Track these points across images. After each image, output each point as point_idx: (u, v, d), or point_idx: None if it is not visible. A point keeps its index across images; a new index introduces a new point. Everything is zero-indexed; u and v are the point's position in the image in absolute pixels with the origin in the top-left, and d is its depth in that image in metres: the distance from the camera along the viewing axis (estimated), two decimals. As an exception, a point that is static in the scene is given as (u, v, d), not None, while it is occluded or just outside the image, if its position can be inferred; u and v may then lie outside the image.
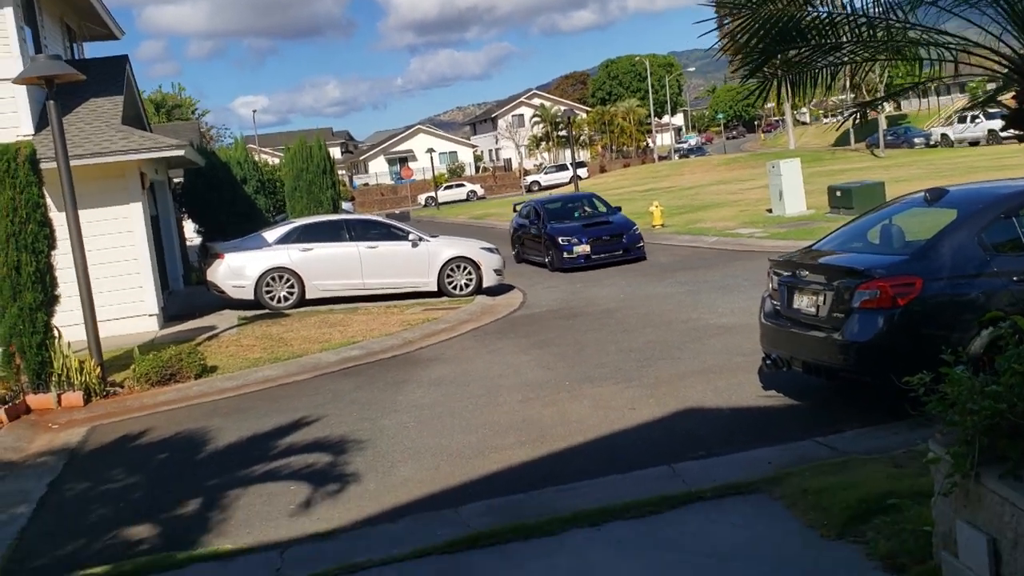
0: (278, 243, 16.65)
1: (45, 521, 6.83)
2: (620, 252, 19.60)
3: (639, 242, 19.92)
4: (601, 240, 19.61)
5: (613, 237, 19.78)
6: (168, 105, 52.51)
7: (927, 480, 4.77)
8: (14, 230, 10.27)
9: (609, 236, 19.76)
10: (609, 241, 19.69)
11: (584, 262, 19.30)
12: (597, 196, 23.35)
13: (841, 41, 5.36)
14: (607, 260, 19.43)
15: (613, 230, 20.03)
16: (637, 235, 20.00)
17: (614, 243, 19.70)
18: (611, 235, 19.80)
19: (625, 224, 20.40)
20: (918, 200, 8.13)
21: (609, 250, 19.57)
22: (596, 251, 19.43)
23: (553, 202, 23.07)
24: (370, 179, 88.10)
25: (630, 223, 20.55)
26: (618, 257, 19.54)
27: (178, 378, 11.05)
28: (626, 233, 19.88)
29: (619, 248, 19.65)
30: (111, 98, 16.05)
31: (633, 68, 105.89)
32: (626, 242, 19.73)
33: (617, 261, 19.48)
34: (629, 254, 19.64)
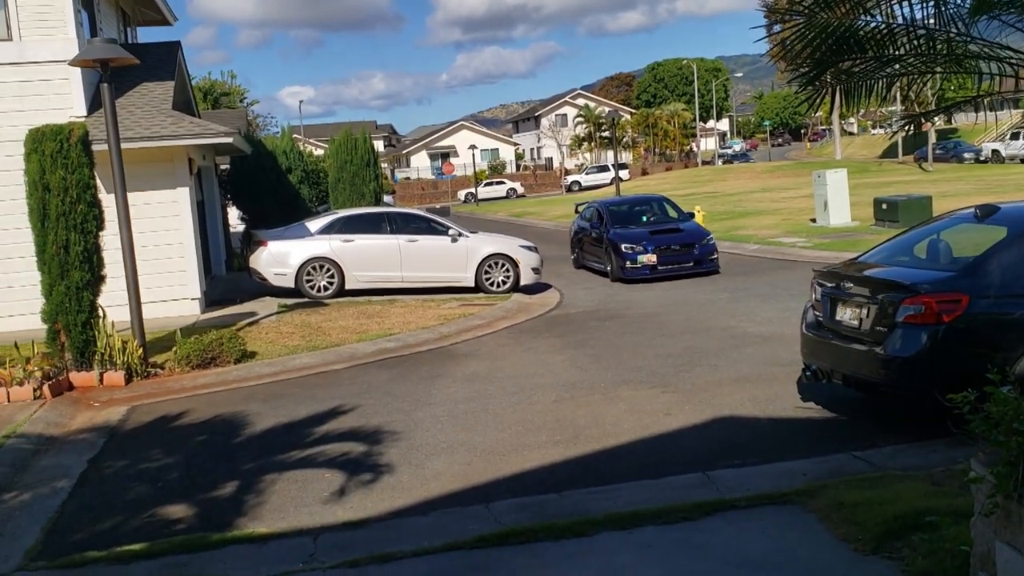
0: (320, 233, 16.81)
1: (85, 496, 6.97)
2: (691, 264, 17.74)
3: (712, 254, 18.04)
4: (670, 250, 17.71)
5: (684, 247, 17.88)
6: (216, 92, 53.14)
7: (966, 500, 4.71)
8: (64, 209, 10.47)
9: (679, 246, 17.85)
10: (679, 251, 17.79)
11: (649, 274, 17.48)
12: (668, 200, 21.11)
13: (899, 53, 5.29)
14: (675, 272, 17.61)
15: (684, 239, 18.08)
16: (711, 246, 18.09)
17: (684, 254, 17.79)
18: (681, 244, 17.89)
19: (698, 232, 18.49)
20: (968, 216, 8.01)
21: (678, 261, 17.70)
22: (663, 262, 17.52)
23: (619, 204, 20.92)
24: (411, 173, 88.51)
25: (703, 232, 18.64)
26: (688, 270, 17.68)
27: (218, 362, 11.20)
28: (698, 243, 17.99)
29: (689, 260, 17.76)
30: (162, 83, 16.29)
31: (680, 71, 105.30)
32: (698, 253, 17.83)
33: (687, 274, 17.63)
34: (700, 267, 17.75)
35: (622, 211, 20.02)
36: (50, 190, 10.44)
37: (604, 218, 19.29)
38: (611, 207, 20.20)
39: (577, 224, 21.42)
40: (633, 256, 17.59)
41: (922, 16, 5.26)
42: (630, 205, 20.80)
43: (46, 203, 10.46)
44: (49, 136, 10.51)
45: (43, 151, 10.47)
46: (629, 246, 17.77)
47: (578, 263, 20.73)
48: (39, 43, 14.25)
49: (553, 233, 33.59)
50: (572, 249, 21.36)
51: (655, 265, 17.52)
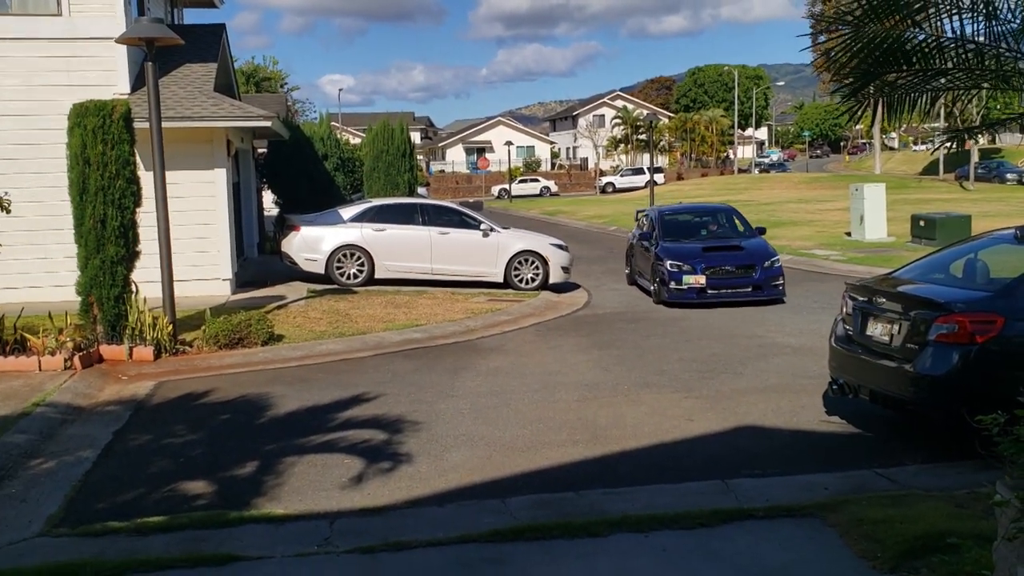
0: (353, 221, 16.89)
1: (109, 467, 7.06)
2: (748, 289, 14.90)
3: (777, 279, 15.06)
4: (723, 271, 14.94)
5: (742, 269, 15.04)
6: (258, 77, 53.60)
7: (989, 523, 4.64)
8: (103, 184, 10.60)
9: (736, 267, 15.00)
10: (735, 274, 15.00)
11: (695, 298, 14.79)
12: (736, 212, 17.87)
13: (947, 67, 5.22)
14: (728, 299, 14.87)
15: (743, 259, 15.19)
16: (776, 269, 15.14)
17: (742, 277, 14.98)
18: (739, 266, 15.00)
19: (761, 252, 15.46)
20: (1007, 237, 7.89)
21: (733, 285, 14.91)
22: (714, 285, 14.79)
23: (676, 213, 17.79)
24: (447, 166, 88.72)
25: (769, 251, 15.59)
26: (745, 296, 14.86)
27: (245, 343, 11.30)
28: (760, 265, 15.03)
29: (747, 284, 14.93)
30: (205, 65, 16.45)
31: (720, 77, 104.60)
32: (759, 277, 14.92)
33: (743, 301, 14.83)
34: (760, 293, 14.89)
35: (678, 221, 17.15)
36: (90, 164, 10.58)
37: (656, 228, 16.60)
38: (666, 215, 17.29)
39: (635, 235, 18.35)
40: (678, 276, 14.91)
41: (972, 31, 5.18)
42: (690, 215, 17.98)
43: (86, 177, 10.61)
44: (92, 111, 10.65)
45: (85, 126, 10.61)
46: (675, 263, 15.03)
47: (630, 279, 17.98)
48: (87, 20, 14.44)
49: (585, 233, 33.54)
50: (627, 262, 18.55)
51: (703, 288, 14.82)
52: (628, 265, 18.53)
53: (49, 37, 14.47)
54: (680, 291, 14.88)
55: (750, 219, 17.20)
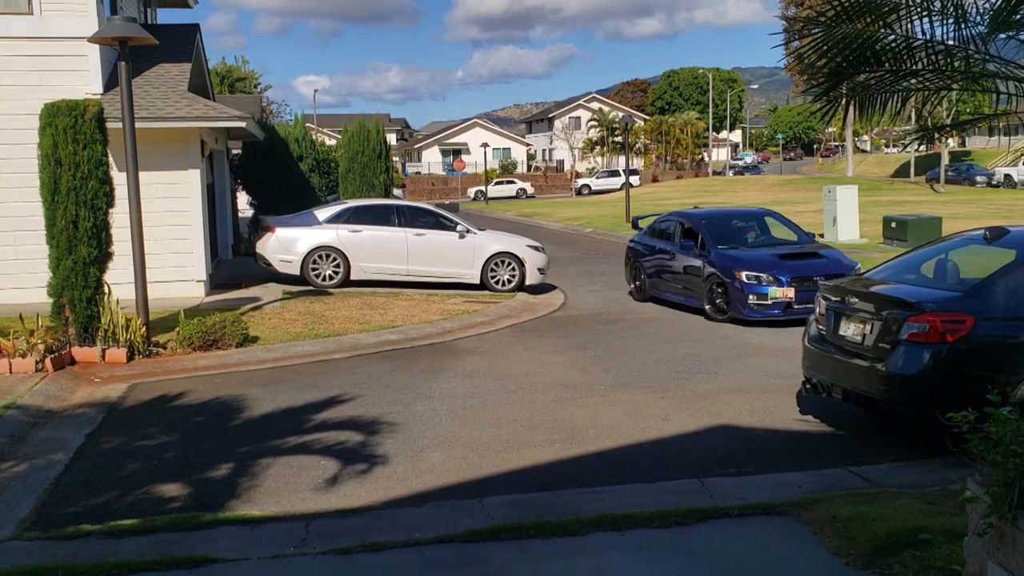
0: (328, 222, 16.83)
1: (81, 470, 6.98)
2: None
3: None
4: (811, 282, 12.71)
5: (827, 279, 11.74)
6: (232, 77, 53.24)
7: (960, 520, 4.71)
8: (75, 185, 10.49)
9: (822, 277, 12.18)
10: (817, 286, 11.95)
11: (780, 314, 12.99)
12: (779, 215, 16.24)
13: (917, 67, 5.29)
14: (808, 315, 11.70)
15: (826, 267, 13.28)
16: None
17: None
18: (826, 276, 11.87)
19: (843, 261, 13.90)
20: (977, 237, 8.00)
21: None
22: (803, 299, 12.65)
23: (717, 218, 15.82)
24: (422, 168, 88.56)
25: (850, 260, 14.11)
26: None
27: (220, 345, 11.22)
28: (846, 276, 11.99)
29: None
30: (179, 65, 16.32)
31: (695, 80, 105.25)
32: None
33: None
34: None
35: (725, 227, 15.16)
36: (62, 165, 10.46)
37: (700, 235, 14.56)
38: (706, 220, 15.15)
39: (640, 241, 16.44)
40: (759, 288, 13.09)
41: (942, 33, 5.26)
42: (731, 219, 15.93)
43: (57, 177, 10.49)
44: (64, 111, 10.53)
45: (57, 126, 10.49)
46: (753, 274, 13.21)
47: (644, 294, 15.77)
48: (59, 18, 14.28)
49: (561, 235, 33.58)
50: (632, 275, 16.39)
51: (791, 303, 12.97)
52: (635, 279, 16.18)
53: (19, 36, 14.29)
54: (763, 306, 13.05)
55: None
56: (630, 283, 16.53)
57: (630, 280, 16.55)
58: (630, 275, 16.56)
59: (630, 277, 16.55)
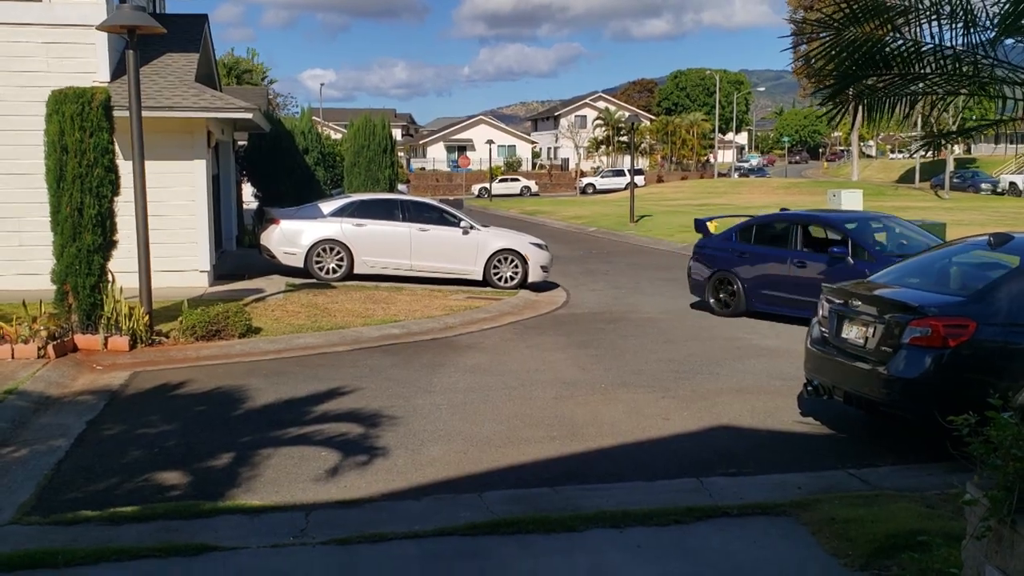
0: (333, 215, 16.84)
1: (82, 457, 7.00)
2: None
3: None
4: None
5: None
6: (239, 69, 53.27)
7: (959, 523, 4.71)
8: (81, 172, 10.50)
9: None
10: None
11: None
12: (897, 219, 14.76)
13: (925, 72, 5.29)
14: None
15: None
16: None
17: None
18: None
19: None
20: (981, 243, 8.01)
21: None
22: None
23: (860, 221, 13.67)
24: (427, 164, 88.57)
25: None
26: None
27: (222, 335, 11.24)
28: None
29: None
30: (187, 55, 16.34)
31: (702, 82, 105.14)
32: None
33: None
34: None
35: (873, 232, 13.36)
36: (68, 152, 10.48)
37: (849, 240, 12.79)
38: (855, 223, 13.32)
39: (722, 248, 14.54)
40: None
41: (951, 38, 5.26)
42: (869, 222, 13.87)
43: (63, 165, 10.50)
44: (71, 98, 10.55)
45: (63, 113, 10.50)
46: None
47: (738, 307, 13.95)
48: (68, 6, 14.30)
49: (565, 233, 33.59)
50: (713, 287, 14.33)
51: None
52: (717, 291, 14.24)
53: (28, 23, 14.31)
54: None
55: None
56: (706, 295, 14.39)
57: (706, 292, 14.41)
58: (709, 287, 14.35)
59: (708, 289, 14.37)
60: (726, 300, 14.07)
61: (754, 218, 15.26)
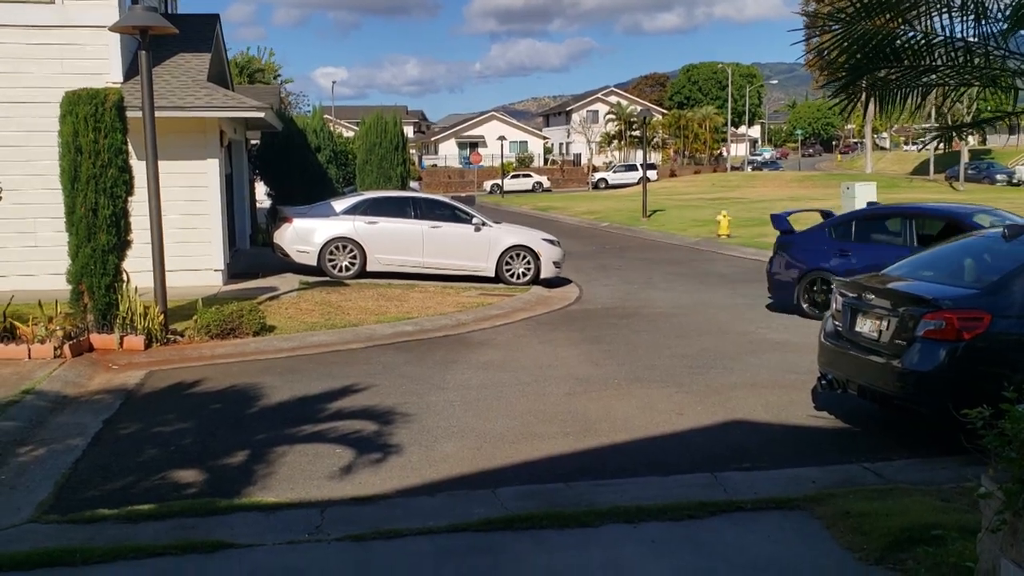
0: (345, 213, 16.89)
1: (99, 455, 7.06)
2: None
3: None
4: None
5: None
6: (251, 68, 53.41)
7: (974, 517, 4.70)
8: (95, 172, 10.57)
9: None
10: None
11: None
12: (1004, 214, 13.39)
13: (936, 64, 5.27)
14: None
15: None
16: None
17: None
18: None
19: None
20: (995, 236, 7.96)
21: None
22: None
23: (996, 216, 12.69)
24: (439, 161, 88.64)
25: None
26: None
27: (237, 333, 11.30)
28: None
29: None
30: (199, 55, 16.41)
31: (714, 75, 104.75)
32: None
33: None
34: None
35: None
36: (82, 152, 10.55)
37: None
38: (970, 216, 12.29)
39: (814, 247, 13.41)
40: None
41: (962, 30, 5.23)
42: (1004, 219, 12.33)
43: (77, 165, 10.58)
44: (84, 99, 10.62)
45: (77, 113, 10.58)
46: None
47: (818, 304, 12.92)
48: (80, 7, 14.38)
49: (577, 229, 33.57)
50: (805, 289, 13.25)
51: None
52: (810, 292, 13.14)
53: (41, 24, 14.41)
54: None
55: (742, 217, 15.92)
56: (796, 298, 13.28)
57: (796, 294, 13.30)
58: (800, 288, 13.24)
59: (799, 290, 13.26)
60: (823, 302, 12.70)
61: (854, 212, 14.06)
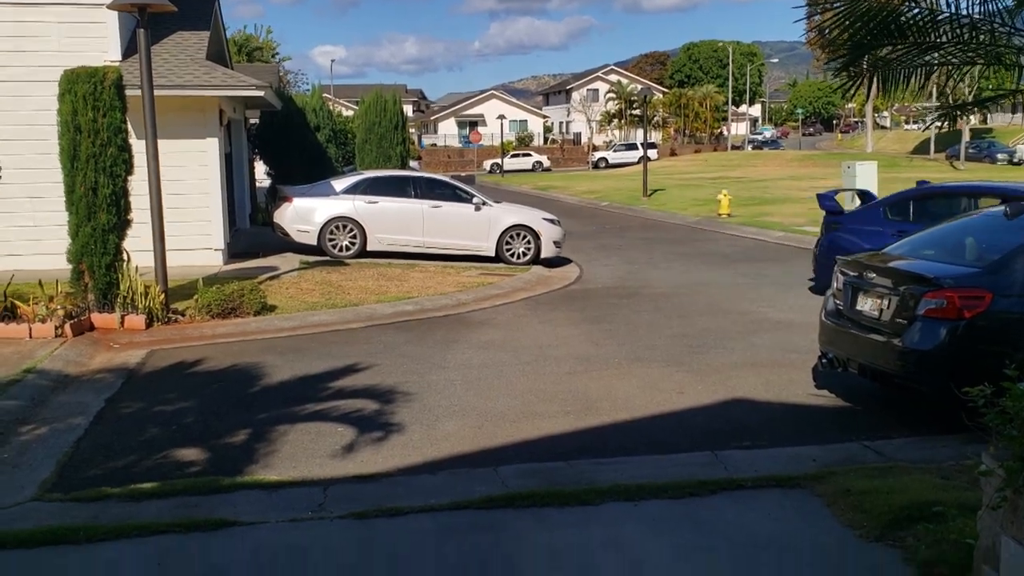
0: (345, 193, 16.85)
1: (101, 434, 7.07)
2: None
3: None
4: None
5: None
6: (250, 47, 53.07)
7: (974, 494, 4.72)
8: (94, 151, 10.54)
9: None
10: None
11: None
12: None
13: (941, 41, 5.23)
14: None
15: None
16: None
17: None
18: None
19: None
20: (997, 214, 7.95)
21: None
22: None
23: None
24: (438, 140, 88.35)
25: None
26: None
27: (238, 313, 11.30)
28: None
29: None
30: (197, 33, 16.31)
31: (715, 53, 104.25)
32: None
33: None
34: None
35: None
36: (81, 131, 10.51)
37: None
38: None
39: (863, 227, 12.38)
40: None
41: (967, 5, 5.19)
42: None
43: (76, 144, 10.54)
44: (83, 78, 10.57)
45: (76, 92, 10.52)
46: None
47: None
48: (77, -15, 14.28)
49: (577, 208, 33.52)
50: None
51: None
52: None
53: (38, 2, 14.32)
54: None
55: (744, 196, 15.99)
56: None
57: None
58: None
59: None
60: None
61: (908, 192, 13.35)
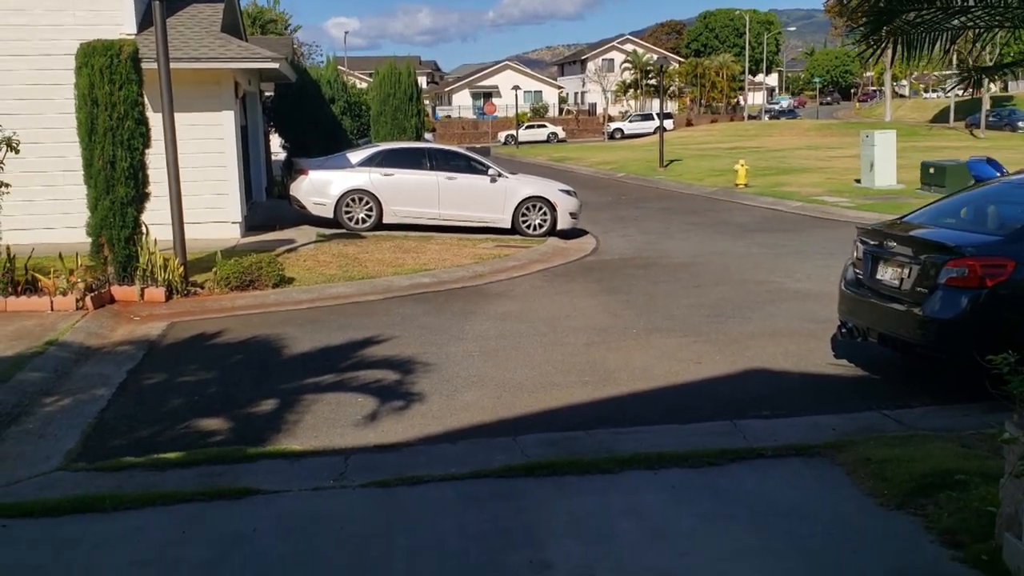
0: (361, 165, 16.83)
1: (124, 405, 7.15)
2: None
3: None
4: None
5: None
6: (263, 19, 52.87)
7: (996, 463, 4.71)
8: (112, 125, 10.56)
9: None
10: None
11: None
12: None
13: (968, 4, 5.15)
14: None
15: None
16: None
17: None
18: None
19: None
20: (1018, 182, 7.87)
21: None
22: None
23: None
24: (453, 112, 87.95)
25: None
26: None
27: (256, 285, 11.36)
28: None
29: None
30: (212, 5, 16.28)
31: (731, 22, 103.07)
32: None
33: None
34: None
35: None
36: (98, 105, 10.53)
37: None
38: None
39: None
40: None
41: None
42: None
43: (94, 118, 10.56)
44: (100, 51, 10.57)
45: (92, 65, 10.54)
46: None
47: None
48: (92, -43, 14.24)
49: (593, 179, 33.38)
50: None
51: None
52: None
53: (54, -24, 14.29)
54: None
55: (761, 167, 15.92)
56: None
57: None
58: None
59: None
60: None
61: None
